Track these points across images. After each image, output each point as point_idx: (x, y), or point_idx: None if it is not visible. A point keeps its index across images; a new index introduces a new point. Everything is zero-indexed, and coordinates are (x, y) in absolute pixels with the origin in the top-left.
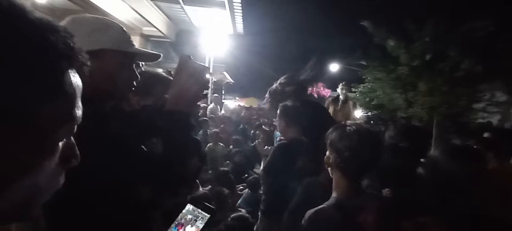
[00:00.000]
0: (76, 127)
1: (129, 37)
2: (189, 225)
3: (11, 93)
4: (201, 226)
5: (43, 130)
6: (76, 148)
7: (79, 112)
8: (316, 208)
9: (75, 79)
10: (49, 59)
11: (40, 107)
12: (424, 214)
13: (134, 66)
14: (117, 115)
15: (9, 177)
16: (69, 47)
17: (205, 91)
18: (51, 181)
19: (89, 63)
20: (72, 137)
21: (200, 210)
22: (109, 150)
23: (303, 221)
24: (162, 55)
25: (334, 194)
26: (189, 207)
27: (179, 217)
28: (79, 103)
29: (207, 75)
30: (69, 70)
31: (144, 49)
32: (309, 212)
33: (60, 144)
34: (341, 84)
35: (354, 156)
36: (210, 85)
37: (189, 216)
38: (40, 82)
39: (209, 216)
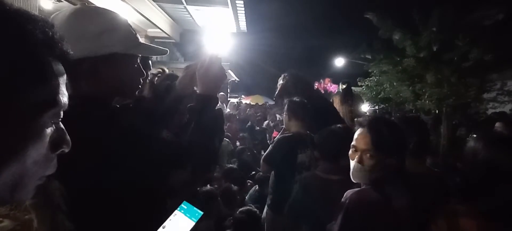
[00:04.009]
0: (61, 112)
1: (136, 35)
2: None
3: None
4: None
5: (26, 115)
6: (66, 134)
7: (64, 99)
8: (357, 188)
9: (57, 66)
10: (27, 47)
11: (21, 92)
12: (459, 201)
13: (140, 64)
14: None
15: None
16: (47, 36)
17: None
18: (41, 166)
19: (71, 51)
20: (60, 123)
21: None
22: (148, 140)
23: (343, 199)
24: (168, 51)
25: (371, 180)
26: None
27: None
28: (64, 90)
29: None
30: (49, 58)
31: (151, 45)
32: (350, 192)
33: (48, 129)
34: (341, 82)
35: (403, 143)
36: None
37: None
38: (18, 69)
39: (202, 213)
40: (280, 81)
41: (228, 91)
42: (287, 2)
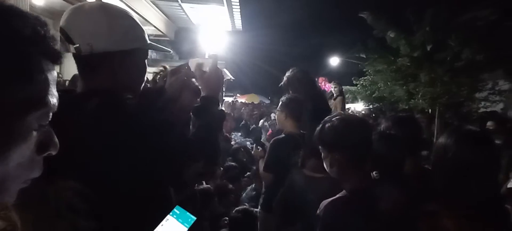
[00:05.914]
0: (50, 114)
1: (145, 32)
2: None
3: None
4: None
5: (9, 115)
6: (54, 136)
7: (53, 100)
8: (332, 198)
9: (47, 66)
10: (13, 44)
11: (4, 91)
12: (438, 202)
13: None
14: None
15: None
16: (38, 34)
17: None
18: (25, 169)
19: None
20: (49, 125)
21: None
22: (167, 134)
23: (318, 211)
24: (171, 51)
25: (347, 186)
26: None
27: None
28: (54, 91)
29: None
30: (39, 57)
31: (160, 46)
32: (325, 202)
33: (34, 132)
34: (332, 82)
35: (358, 144)
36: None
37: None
38: (2, 66)
39: (195, 218)
40: (288, 74)
41: (223, 90)
42: (282, 1)
